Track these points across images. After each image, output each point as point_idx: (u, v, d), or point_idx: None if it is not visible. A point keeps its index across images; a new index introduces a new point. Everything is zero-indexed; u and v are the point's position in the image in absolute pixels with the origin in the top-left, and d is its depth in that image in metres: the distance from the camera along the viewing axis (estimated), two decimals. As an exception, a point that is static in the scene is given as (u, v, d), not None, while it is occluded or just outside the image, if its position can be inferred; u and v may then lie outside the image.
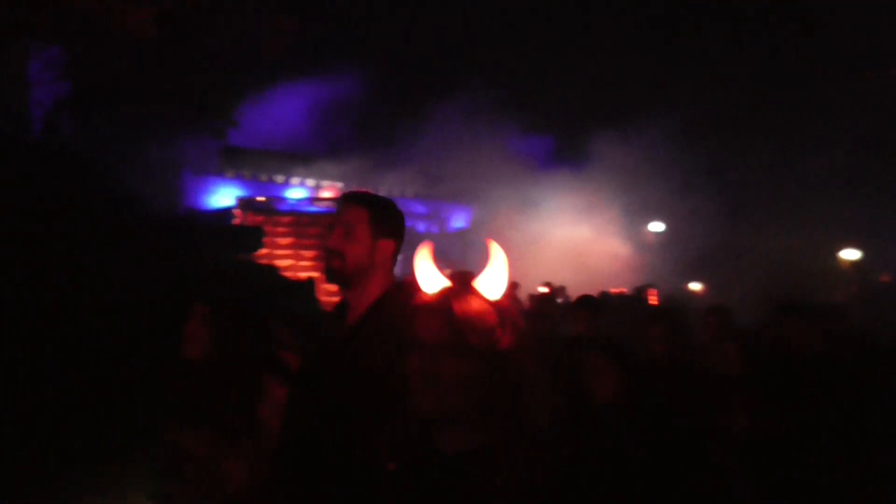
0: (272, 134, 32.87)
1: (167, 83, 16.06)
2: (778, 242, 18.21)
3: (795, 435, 3.05)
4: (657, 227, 20.47)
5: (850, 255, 17.82)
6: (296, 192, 30.47)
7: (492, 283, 1.67)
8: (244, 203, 11.99)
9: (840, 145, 18.56)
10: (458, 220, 29.86)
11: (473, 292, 1.65)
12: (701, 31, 23.33)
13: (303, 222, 11.39)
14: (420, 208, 30.60)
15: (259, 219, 11.50)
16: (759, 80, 21.10)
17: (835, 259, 18.03)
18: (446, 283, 1.71)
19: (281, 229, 11.45)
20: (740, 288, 15.93)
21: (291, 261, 11.28)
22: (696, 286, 18.02)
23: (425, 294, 1.68)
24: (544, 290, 9.27)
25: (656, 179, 19.54)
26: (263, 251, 11.50)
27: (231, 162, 29.85)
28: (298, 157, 29.97)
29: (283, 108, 33.79)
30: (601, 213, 21.31)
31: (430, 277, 1.74)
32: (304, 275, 11.47)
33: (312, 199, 13.67)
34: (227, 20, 16.84)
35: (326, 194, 30.27)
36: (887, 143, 18.00)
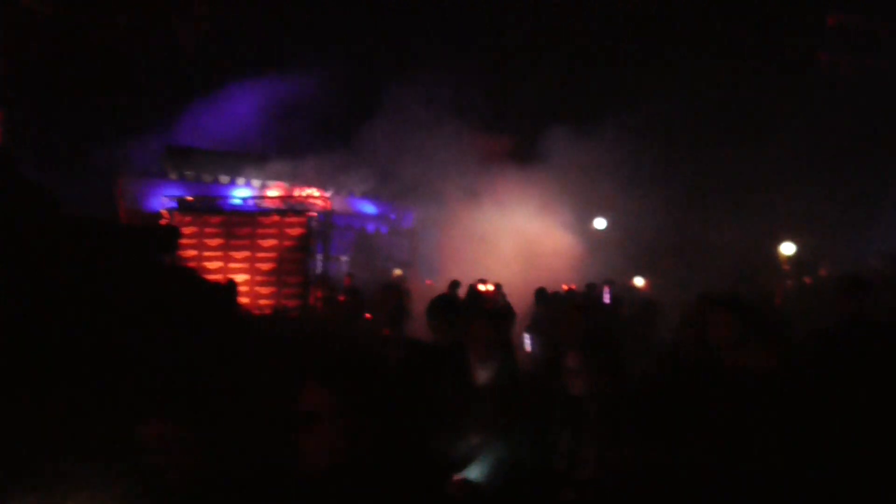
0: (221, 134, 32.23)
1: (99, 76, 15.37)
2: (722, 237, 18.42)
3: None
4: (601, 223, 20.60)
5: (787, 249, 18.12)
6: (241, 193, 29.91)
7: None
8: (177, 204, 11.68)
9: (781, 140, 18.84)
10: (408, 220, 29.63)
11: None
12: (646, 29, 23.54)
13: (233, 222, 10.99)
14: (370, 208, 30.35)
15: (187, 219, 11.07)
16: (702, 77, 21.34)
17: (775, 255, 18.34)
18: None
19: (210, 230, 11.03)
20: (686, 282, 16.02)
21: (220, 262, 10.90)
22: (639, 281, 18.12)
23: None
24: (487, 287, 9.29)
25: (603, 176, 19.62)
26: (192, 253, 11.09)
27: (175, 163, 29.14)
28: (246, 157, 29.38)
29: (233, 107, 33.19)
30: (550, 209, 21.31)
31: None
32: (232, 277, 11.06)
33: (251, 199, 13.26)
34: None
35: (273, 193, 29.78)
36: (827, 136, 18.34)
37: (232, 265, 11.17)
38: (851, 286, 4.51)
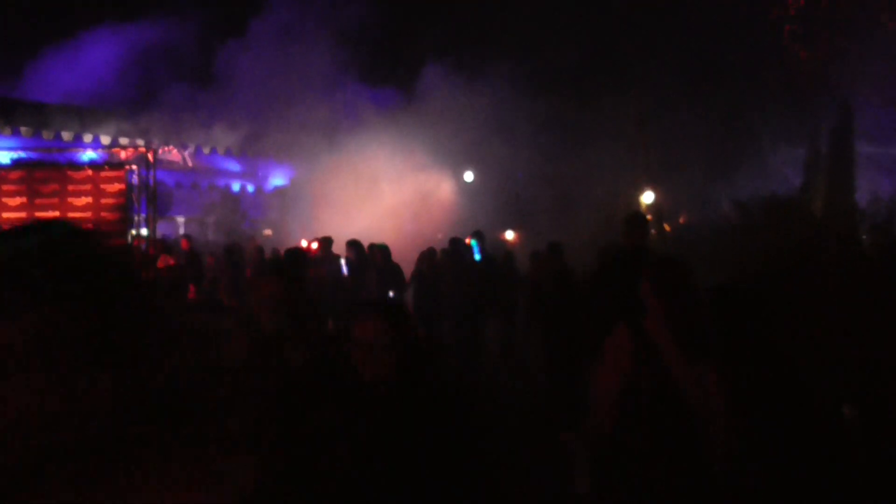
0: (71, 87, 29.49)
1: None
2: (589, 189, 18.69)
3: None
4: (469, 176, 20.46)
5: (647, 198, 18.69)
6: (88, 152, 27.43)
7: None
8: None
9: (646, 87, 19.21)
10: (277, 178, 28.34)
11: None
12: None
13: (37, 178, 9.27)
14: (235, 166, 28.75)
15: None
16: (570, 24, 21.32)
17: (636, 204, 18.87)
18: None
19: (8, 187, 9.27)
20: (556, 235, 16.13)
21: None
22: (509, 235, 18.14)
23: None
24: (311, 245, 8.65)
25: (474, 127, 19.34)
26: None
27: (8, 117, 26.25)
28: (95, 111, 26.94)
29: (83, 57, 30.41)
30: (424, 161, 20.88)
31: None
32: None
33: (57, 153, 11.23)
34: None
35: (124, 155, 27.54)
36: (691, 82, 18.82)
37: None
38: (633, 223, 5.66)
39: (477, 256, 10.45)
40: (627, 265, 5.17)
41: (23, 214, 9.15)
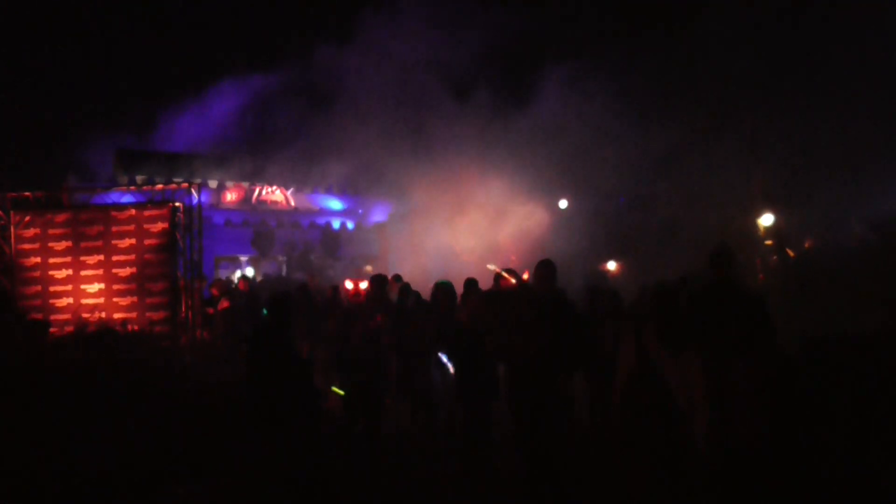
0: (179, 136, 31.08)
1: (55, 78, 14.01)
2: (695, 213, 17.22)
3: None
4: (564, 202, 19.43)
5: (766, 220, 16.92)
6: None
7: None
8: (10, 202, 9.31)
9: (752, 104, 17.64)
10: (377, 215, 28.40)
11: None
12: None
13: (82, 220, 8.79)
14: (337, 204, 29.14)
15: (27, 219, 8.97)
16: (668, 43, 20.06)
17: (754, 228, 17.13)
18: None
19: (55, 231, 8.91)
20: (660, 264, 14.86)
21: (69, 270, 8.92)
22: (612, 265, 16.90)
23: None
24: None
25: (572, 151, 18.41)
26: (34, 260, 9.00)
27: (126, 167, 27.85)
28: (202, 157, 28.14)
29: (192, 108, 32.03)
30: (520, 192, 20.15)
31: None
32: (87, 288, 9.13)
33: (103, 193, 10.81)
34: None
35: (231, 195, 28.54)
36: (802, 99, 17.11)
37: (84, 272, 9.12)
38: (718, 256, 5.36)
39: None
40: (713, 299, 5.13)
41: (68, 260, 8.95)
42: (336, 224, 27.74)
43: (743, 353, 4.30)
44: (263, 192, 28.47)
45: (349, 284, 7.78)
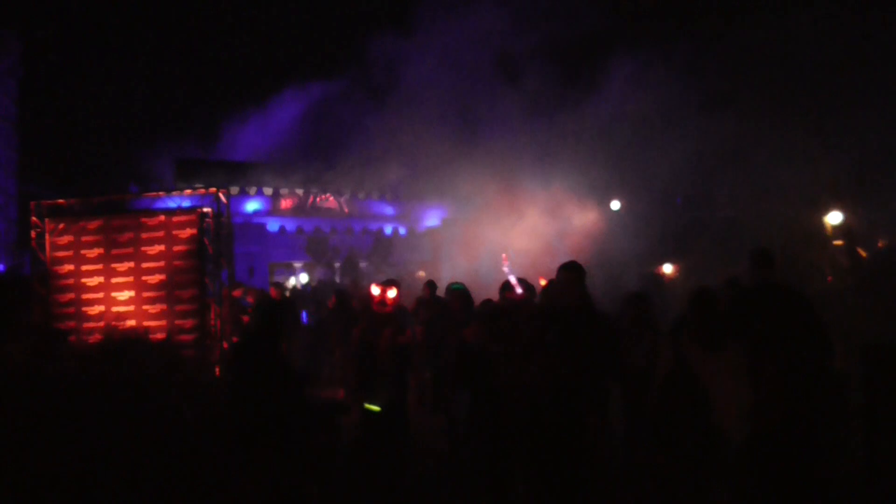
0: (245, 146, 31.65)
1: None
2: (756, 210, 16.30)
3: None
4: (616, 204, 18.73)
5: (834, 219, 15.81)
6: (252, 204, 29.16)
7: None
8: (45, 209, 9.36)
9: (817, 94, 16.58)
10: (430, 219, 28.23)
11: None
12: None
13: (114, 227, 8.70)
14: (388, 209, 29.13)
15: (61, 226, 8.98)
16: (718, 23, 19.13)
17: (821, 226, 16.05)
18: None
19: (88, 238, 8.88)
20: (719, 265, 14.08)
21: (101, 278, 8.86)
22: (668, 268, 16.14)
23: None
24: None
25: (624, 148, 17.78)
26: (68, 268, 9.00)
27: (185, 175, 28.48)
28: (257, 165, 28.58)
29: (247, 117, 32.59)
30: (572, 194, 19.63)
31: None
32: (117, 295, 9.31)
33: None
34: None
35: (285, 203, 28.88)
36: (871, 90, 15.98)
37: (115, 280, 9.06)
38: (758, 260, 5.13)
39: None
40: (755, 300, 4.86)
41: (100, 267, 8.90)
42: (388, 229, 27.71)
43: (781, 354, 4.28)
44: (317, 199, 28.72)
45: (375, 290, 7.40)
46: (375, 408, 6.40)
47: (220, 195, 8.94)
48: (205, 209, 8.83)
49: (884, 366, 4.92)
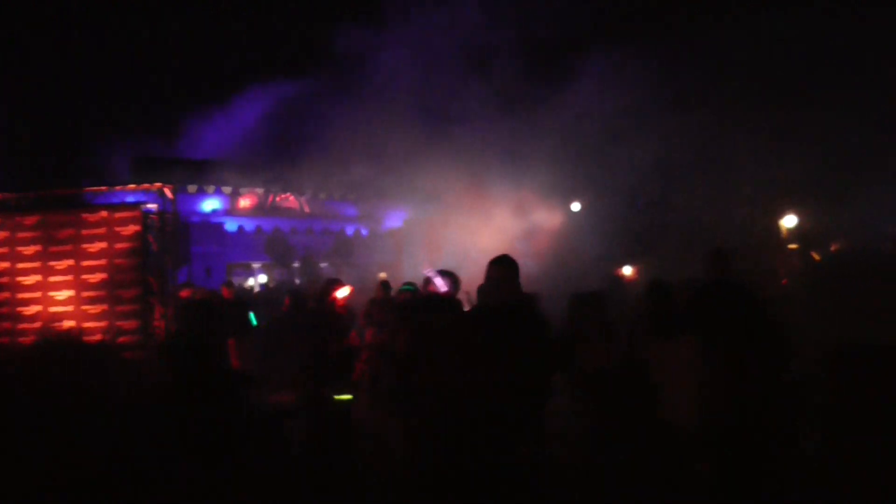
0: (195, 143, 31.01)
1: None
2: (712, 214, 16.49)
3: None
4: (576, 205, 18.79)
5: (789, 222, 16.06)
6: (211, 203, 28.59)
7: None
8: None
9: (772, 101, 16.86)
10: (392, 220, 28.02)
11: None
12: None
13: (52, 222, 8.32)
14: (349, 210, 28.85)
15: None
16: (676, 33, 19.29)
17: (776, 229, 16.29)
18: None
19: (24, 234, 8.45)
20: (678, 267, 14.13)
21: (39, 276, 8.45)
22: (627, 270, 16.20)
23: None
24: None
25: (586, 150, 17.85)
26: (4, 265, 8.56)
27: (142, 173, 27.78)
28: (216, 164, 28.02)
29: (207, 115, 31.98)
30: (535, 196, 19.68)
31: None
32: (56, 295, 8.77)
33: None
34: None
35: (245, 202, 28.35)
36: (824, 96, 16.27)
37: (53, 279, 8.68)
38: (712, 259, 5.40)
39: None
40: (709, 296, 5.14)
41: (37, 264, 8.51)
42: (350, 230, 27.44)
43: (730, 347, 4.47)
44: (277, 199, 28.29)
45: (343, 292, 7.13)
46: (347, 397, 6.30)
47: (167, 191, 8.64)
48: (149, 205, 8.52)
49: (843, 367, 5.02)
